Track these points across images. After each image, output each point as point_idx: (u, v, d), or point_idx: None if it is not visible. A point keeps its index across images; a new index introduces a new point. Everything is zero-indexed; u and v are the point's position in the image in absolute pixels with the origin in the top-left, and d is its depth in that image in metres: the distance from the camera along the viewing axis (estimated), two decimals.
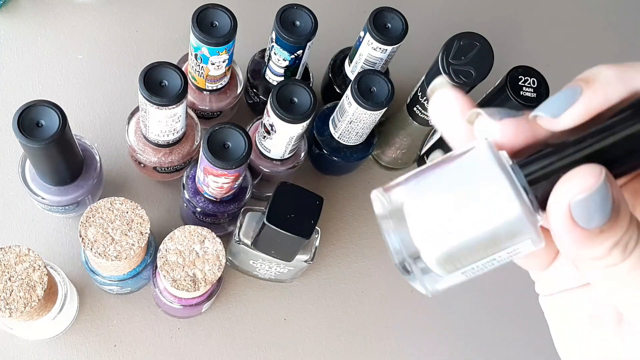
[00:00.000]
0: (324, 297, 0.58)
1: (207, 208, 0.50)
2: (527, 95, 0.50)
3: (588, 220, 0.19)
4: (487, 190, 0.20)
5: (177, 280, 0.45)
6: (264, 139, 0.51)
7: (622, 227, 0.19)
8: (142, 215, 0.45)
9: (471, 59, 0.47)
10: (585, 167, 0.19)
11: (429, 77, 0.50)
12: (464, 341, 0.60)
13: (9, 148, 0.56)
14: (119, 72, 0.61)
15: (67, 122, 0.43)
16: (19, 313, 0.41)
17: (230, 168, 0.44)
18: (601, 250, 0.19)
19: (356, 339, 0.58)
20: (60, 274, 0.48)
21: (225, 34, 0.47)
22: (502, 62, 0.54)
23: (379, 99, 0.50)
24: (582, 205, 0.19)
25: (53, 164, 0.46)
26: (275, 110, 0.46)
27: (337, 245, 0.61)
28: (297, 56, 0.51)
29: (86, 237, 0.44)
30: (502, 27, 0.75)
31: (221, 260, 0.46)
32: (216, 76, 0.52)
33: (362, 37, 0.53)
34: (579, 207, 0.19)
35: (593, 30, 0.78)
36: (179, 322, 0.55)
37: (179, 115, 0.47)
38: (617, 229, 0.19)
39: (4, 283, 0.41)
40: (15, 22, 0.61)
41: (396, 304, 0.60)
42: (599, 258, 0.19)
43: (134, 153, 0.52)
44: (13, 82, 0.59)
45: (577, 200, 0.19)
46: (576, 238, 0.19)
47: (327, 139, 0.57)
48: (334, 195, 0.62)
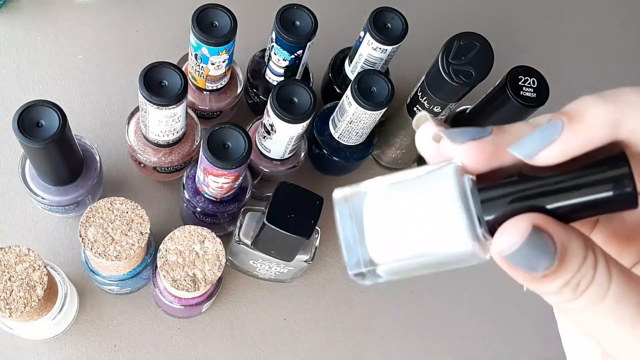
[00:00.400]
0: (324, 297, 0.58)
1: (207, 208, 0.50)
2: (527, 95, 0.50)
3: (530, 268, 0.19)
4: (444, 217, 0.20)
5: (177, 280, 0.45)
6: (264, 139, 0.51)
7: (569, 271, 0.19)
8: (142, 215, 0.45)
9: (471, 59, 0.47)
10: (514, 221, 0.19)
11: (429, 77, 0.50)
12: (464, 341, 0.60)
13: (9, 148, 0.56)
14: (119, 72, 0.61)
15: (67, 122, 0.43)
16: (19, 313, 0.41)
17: (230, 168, 0.44)
18: (551, 288, 0.20)
19: (356, 339, 0.58)
20: (60, 274, 0.48)
21: (225, 34, 0.47)
22: (502, 62, 0.54)
23: (379, 99, 0.50)
24: (514, 258, 0.19)
25: (53, 164, 0.46)
26: (275, 110, 0.46)
27: (337, 245, 0.60)
28: (297, 56, 0.51)
29: (86, 237, 0.44)
30: (502, 27, 0.75)
31: (221, 260, 0.46)
32: (216, 76, 0.52)
33: (362, 37, 0.53)
34: (512, 259, 0.19)
35: (593, 30, 0.78)
36: (179, 322, 0.55)
37: (179, 115, 0.47)
38: (563, 272, 0.19)
39: (4, 283, 0.41)
40: (15, 22, 0.61)
41: (396, 304, 0.60)
42: (552, 294, 0.20)
43: (134, 153, 0.52)
44: (13, 82, 0.59)
45: (506, 255, 0.19)
46: (522, 279, 0.20)
47: (327, 139, 0.57)
48: None
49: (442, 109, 0.52)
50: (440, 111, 0.52)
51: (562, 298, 0.20)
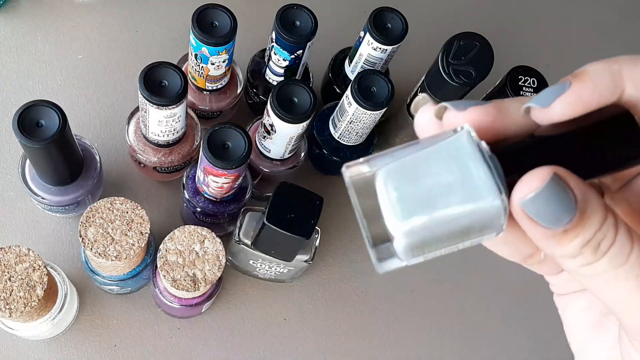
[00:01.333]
0: (324, 297, 0.58)
1: (207, 208, 0.50)
2: (527, 96, 0.50)
3: (550, 220, 0.19)
4: (468, 182, 0.20)
5: (177, 280, 0.45)
6: (264, 139, 0.51)
7: (590, 227, 0.19)
8: (142, 215, 0.45)
9: (471, 59, 0.47)
10: (534, 170, 0.19)
11: (429, 77, 0.50)
12: (464, 341, 0.60)
13: (9, 148, 0.56)
14: (119, 72, 0.61)
15: (67, 122, 0.43)
16: (19, 313, 0.41)
17: (230, 168, 0.44)
18: (570, 249, 0.19)
19: (356, 339, 0.58)
20: (60, 274, 0.48)
21: (225, 34, 0.47)
22: (502, 62, 0.54)
23: (379, 99, 0.50)
24: (532, 204, 0.19)
25: (53, 164, 0.46)
26: (275, 110, 0.46)
27: (337, 245, 0.61)
28: (297, 56, 0.51)
29: (86, 237, 0.44)
30: (502, 27, 0.75)
31: (221, 260, 0.46)
32: (216, 76, 0.52)
33: (362, 37, 0.53)
34: (529, 206, 0.19)
35: (593, 30, 0.78)
36: (179, 322, 0.55)
37: (179, 115, 0.47)
38: (583, 228, 0.19)
39: (4, 283, 0.41)
40: (15, 22, 0.61)
41: (396, 304, 0.60)
42: (571, 257, 0.19)
43: (134, 153, 0.52)
44: (13, 82, 0.59)
45: (525, 200, 0.19)
46: (541, 236, 0.19)
47: (327, 139, 0.57)
48: (334, 195, 0.62)
49: None
50: None
51: (582, 260, 0.19)
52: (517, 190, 0.19)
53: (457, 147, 0.20)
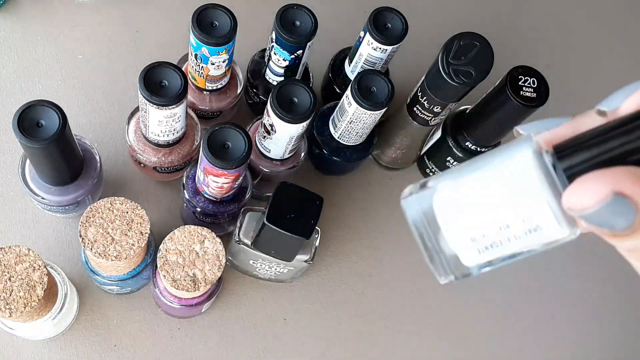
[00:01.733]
0: (324, 297, 0.58)
1: (207, 208, 0.50)
2: (527, 95, 0.50)
3: (610, 226, 0.19)
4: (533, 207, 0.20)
5: (177, 280, 0.45)
6: (264, 139, 0.51)
7: None
8: (142, 215, 0.45)
9: (471, 59, 0.47)
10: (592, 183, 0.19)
11: (429, 77, 0.50)
12: (464, 341, 0.60)
13: (9, 148, 0.56)
14: (119, 72, 0.61)
15: (67, 122, 0.43)
16: (19, 313, 0.41)
17: (230, 168, 0.44)
18: (628, 245, 0.20)
19: (356, 339, 0.58)
20: (60, 274, 0.48)
21: (225, 34, 0.47)
22: (502, 62, 0.54)
23: (379, 99, 0.50)
24: (592, 219, 0.19)
25: (53, 164, 0.46)
26: (275, 110, 0.46)
27: (337, 245, 0.61)
28: (297, 56, 0.51)
29: (86, 237, 0.44)
30: (502, 27, 0.75)
31: (221, 260, 0.46)
32: (216, 76, 0.52)
33: (362, 37, 0.53)
34: (590, 220, 0.19)
35: (593, 30, 0.78)
36: (179, 322, 0.55)
37: (179, 115, 0.47)
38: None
39: (4, 283, 0.41)
40: (15, 22, 0.61)
41: (396, 304, 0.60)
42: (635, 250, 0.20)
43: (134, 153, 0.52)
44: (13, 82, 0.59)
45: (584, 215, 0.19)
46: (601, 234, 0.20)
47: (327, 139, 0.57)
48: (334, 195, 0.62)
49: (442, 109, 0.52)
50: (440, 111, 0.52)
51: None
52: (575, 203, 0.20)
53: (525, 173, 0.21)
